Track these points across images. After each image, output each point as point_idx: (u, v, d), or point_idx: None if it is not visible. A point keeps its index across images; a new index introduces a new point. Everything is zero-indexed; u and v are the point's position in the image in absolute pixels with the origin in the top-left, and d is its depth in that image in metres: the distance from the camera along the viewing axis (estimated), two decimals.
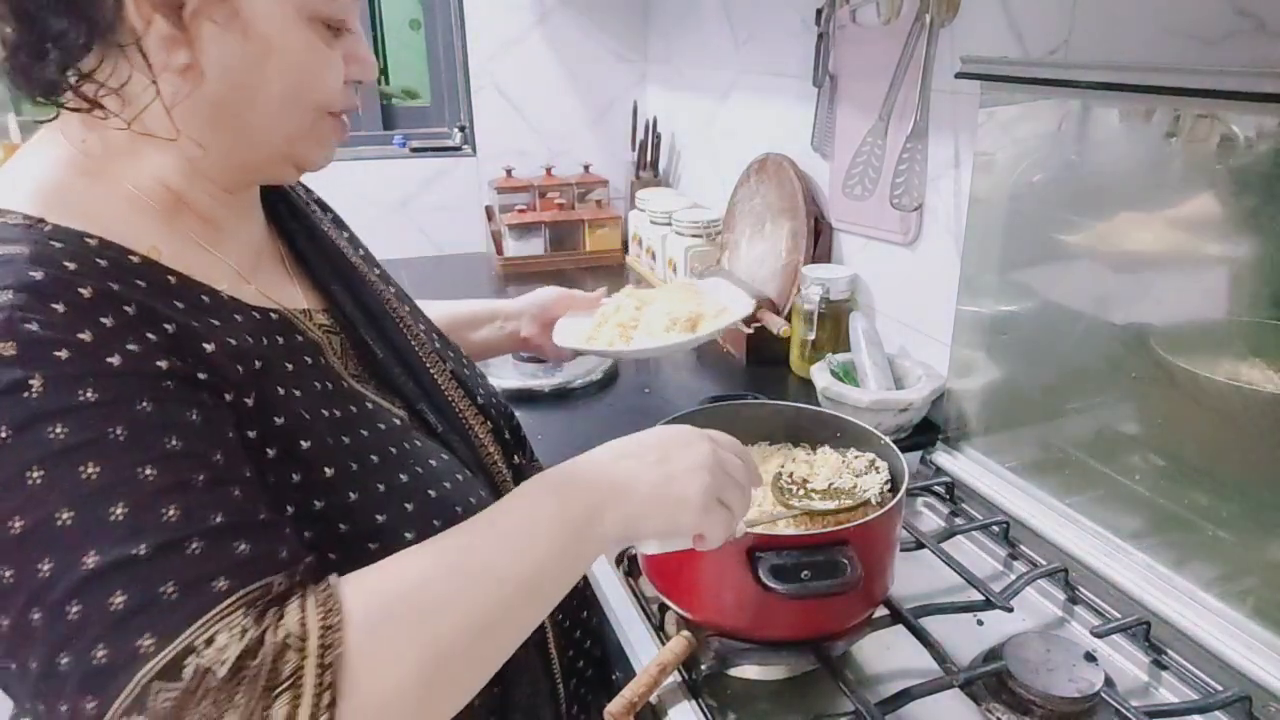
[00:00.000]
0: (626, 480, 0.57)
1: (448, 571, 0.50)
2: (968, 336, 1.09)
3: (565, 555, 0.54)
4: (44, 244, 0.47)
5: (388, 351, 0.68)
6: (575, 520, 0.55)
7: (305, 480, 0.54)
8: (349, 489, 0.56)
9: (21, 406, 0.43)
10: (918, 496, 1.08)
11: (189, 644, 0.41)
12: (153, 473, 0.44)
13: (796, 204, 1.44)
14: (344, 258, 0.71)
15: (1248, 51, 0.75)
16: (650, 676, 0.73)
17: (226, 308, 0.55)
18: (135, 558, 0.42)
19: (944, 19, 1.06)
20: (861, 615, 0.77)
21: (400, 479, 0.60)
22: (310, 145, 0.59)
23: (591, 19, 2.12)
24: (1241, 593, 0.78)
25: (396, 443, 0.62)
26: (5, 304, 0.44)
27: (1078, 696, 0.70)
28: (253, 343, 0.55)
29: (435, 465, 0.64)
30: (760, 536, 0.70)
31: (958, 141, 1.12)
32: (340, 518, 0.55)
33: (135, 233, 0.52)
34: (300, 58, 0.54)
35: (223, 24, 0.51)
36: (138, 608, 0.41)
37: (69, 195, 0.51)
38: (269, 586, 0.45)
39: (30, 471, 0.42)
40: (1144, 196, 0.85)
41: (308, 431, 0.55)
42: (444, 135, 2.24)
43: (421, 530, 0.58)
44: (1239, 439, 0.79)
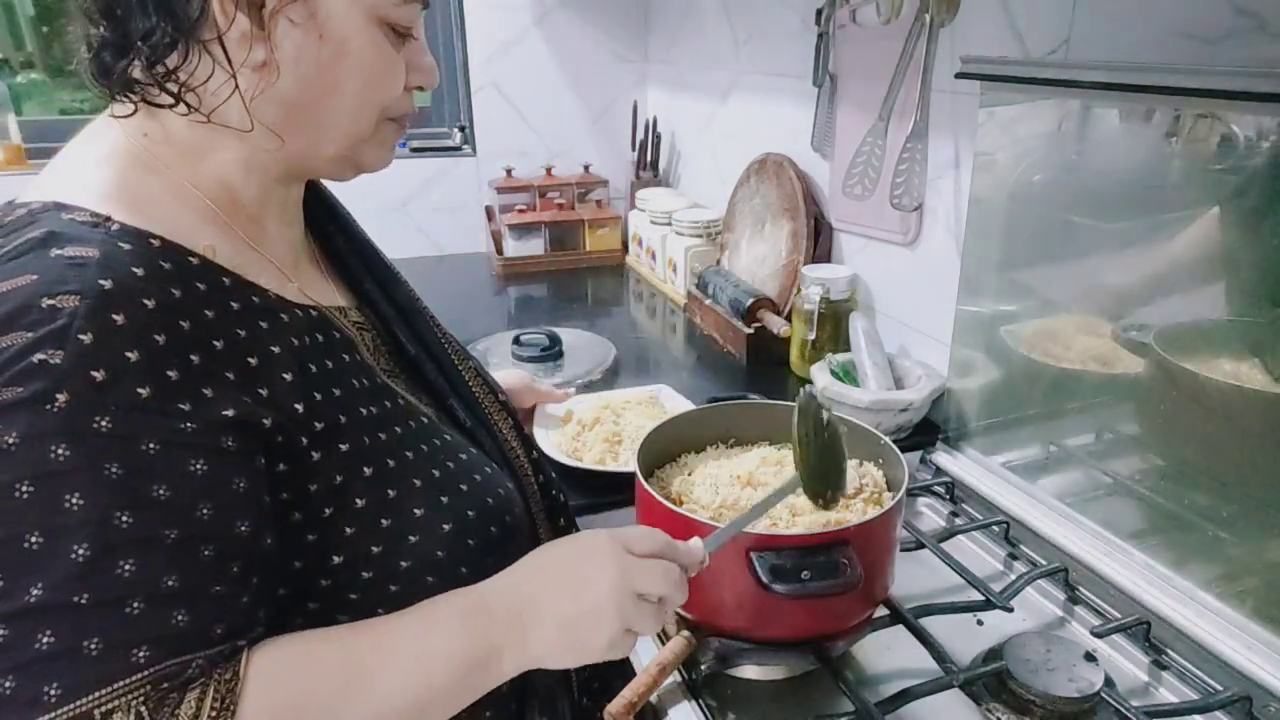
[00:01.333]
0: (531, 617, 0.56)
1: (344, 687, 0.50)
2: (968, 336, 1.09)
3: (458, 689, 0.55)
4: (113, 246, 0.48)
5: (419, 348, 0.70)
6: (475, 658, 0.55)
7: (346, 481, 0.56)
8: (388, 486, 0.58)
9: (38, 418, 0.43)
10: (918, 496, 1.08)
11: (87, 710, 0.42)
12: (128, 521, 0.44)
13: (796, 204, 1.44)
14: (378, 256, 0.74)
15: (1248, 51, 0.75)
16: (650, 676, 0.73)
17: (273, 307, 0.57)
18: (75, 605, 0.43)
19: (944, 19, 1.06)
20: (861, 615, 0.77)
21: (434, 474, 0.62)
22: (373, 146, 0.61)
23: (591, 19, 2.12)
24: (1241, 592, 0.78)
25: (428, 439, 0.64)
26: (69, 311, 0.45)
27: (1078, 696, 0.70)
28: (296, 344, 0.56)
29: (465, 459, 0.66)
30: (760, 536, 0.70)
31: (958, 141, 1.12)
32: (381, 513, 0.58)
33: (192, 231, 0.54)
34: (370, 60, 0.56)
35: (299, 23, 0.53)
36: (58, 654, 0.42)
37: (130, 190, 0.53)
38: (185, 665, 0.45)
39: (21, 485, 0.43)
40: (1144, 196, 0.85)
41: (346, 433, 0.57)
42: (444, 135, 2.23)
43: (457, 522, 0.61)
44: (1239, 439, 0.79)
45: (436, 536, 0.60)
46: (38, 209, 0.50)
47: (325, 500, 0.55)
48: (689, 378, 1.39)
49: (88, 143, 0.56)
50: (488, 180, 2.15)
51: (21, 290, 0.45)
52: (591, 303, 1.89)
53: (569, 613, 0.56)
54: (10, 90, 1.92)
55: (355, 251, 0.72)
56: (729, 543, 0.68)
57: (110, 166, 0.54)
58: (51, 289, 0.45)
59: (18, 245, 0.47)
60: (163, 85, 0.52)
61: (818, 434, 0.70)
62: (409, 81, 0.60)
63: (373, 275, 0.72)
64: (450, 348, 0.74)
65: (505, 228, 2.02)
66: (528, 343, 1.42)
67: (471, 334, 1.58)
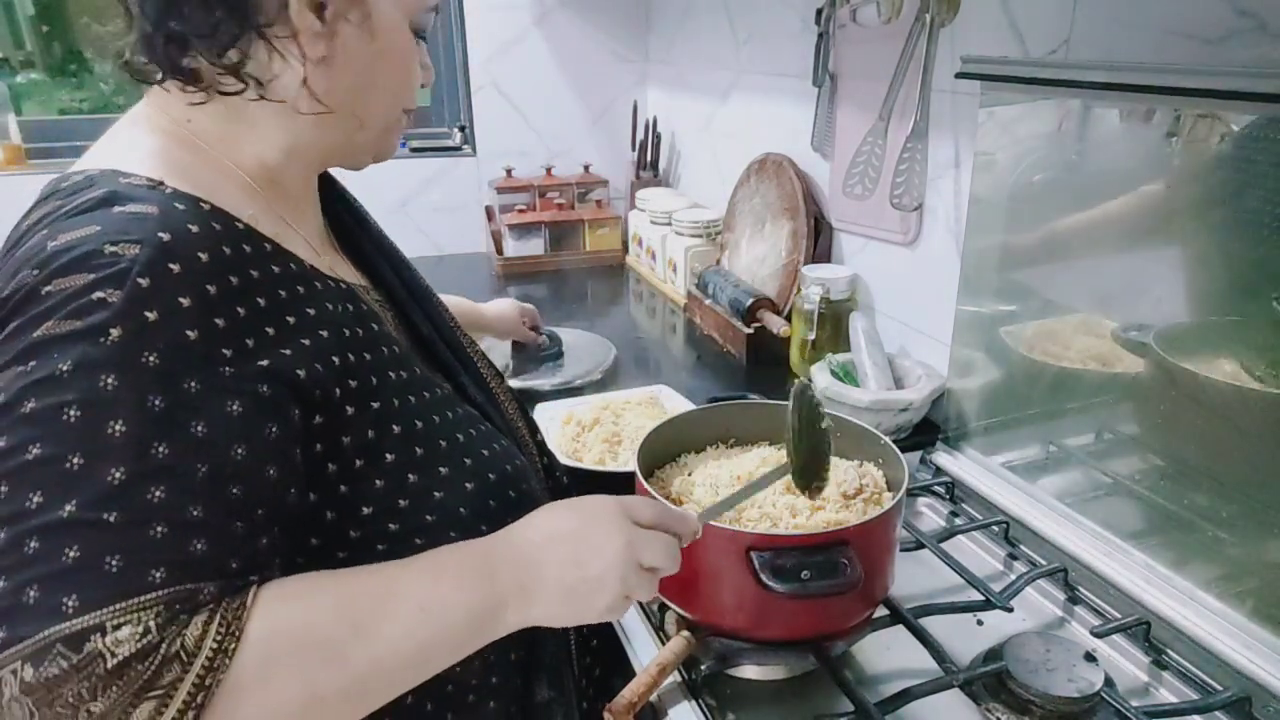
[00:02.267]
0: (535, 581, 0.57)
1: (350, 627, 0.51)
2: (967, 336, 1.09)
3: (460, 640, 0.56)
4: (170, 205, 0.52)
5: (431, 329, 0.74)
6: (479, 612, 0.56)
7: (377, 437, 0.59)
8: (416, 444, 0.62)
9: (92, 349, 0.46)
10: (918, 496, 1.08)
11: (100, 622, 0.43)
12: (164, 451, 0.47)
13: (796, 204, 1.44)
14: (387, 240, 0.78)
15: (1248, 51, 0.75)
16: (650, 676, 0.73)
17: (309, 275, 0.60)
18: (103, 522, 0.45)
19: (944, 19, 1.06)
20: (861, 615, 0.77)
21: (458, 438, 0.66)
22: (392, 137, 0.68)
23: (591, 19, 2.12)
24: (1241, 593, 0.78)
25: (451, 407, 0.68)
26: (131, 258, 0.48)
27: (1077, 696, 0.70)
28: (330, 309, 0.59)
29: (483, 430, 0.70)
30: (760, 536, 0.70)
31: (958, 141, 1.12)
32: (410, 469, 0.61)
33: (236, 201, 0.57)
34: (405, 58, 0.63)
35: (356, 24, 0.59)
36: (81, 567, 0.44)
37: (179, 162, 0.56)
38: (197, 591, 0.47)
39: (68, 409, 0.45)
40: (1144, 196, 0.85)
41: (378, 393, 0.60)
42: (444, 135, 2.23)
43: (479, 481, 0.65)
44: (1239, 439, 0.79)
45: (460, 494, 0.63)
46: (95, 174, 0.54)
47: (358, 453, 0.58)
48: (689, 378, 1.39)
49: (133, 125, 0.60)
50: (488, 180, 2.15)
51: (87, 238, 0.49)
52: (591, 303, 1.89)
53: (573, 578, 0.58)
54: (10, 90, 1.92)
55: (369, 237, 0.76)
56: (728, 541, 0.68)
57: (158, 142, 0.58)
58: (115, 238, 0.49)
59: (79, 204, 0.51)
60: (236, 74, 0.56)
61: (811, 423, 0.75)
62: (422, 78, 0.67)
63: (386, 258, 0.75)
64: (458, 329, 0.78)
65: (505, 228, 2.02)
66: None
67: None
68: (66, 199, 0.52)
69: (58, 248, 0.48)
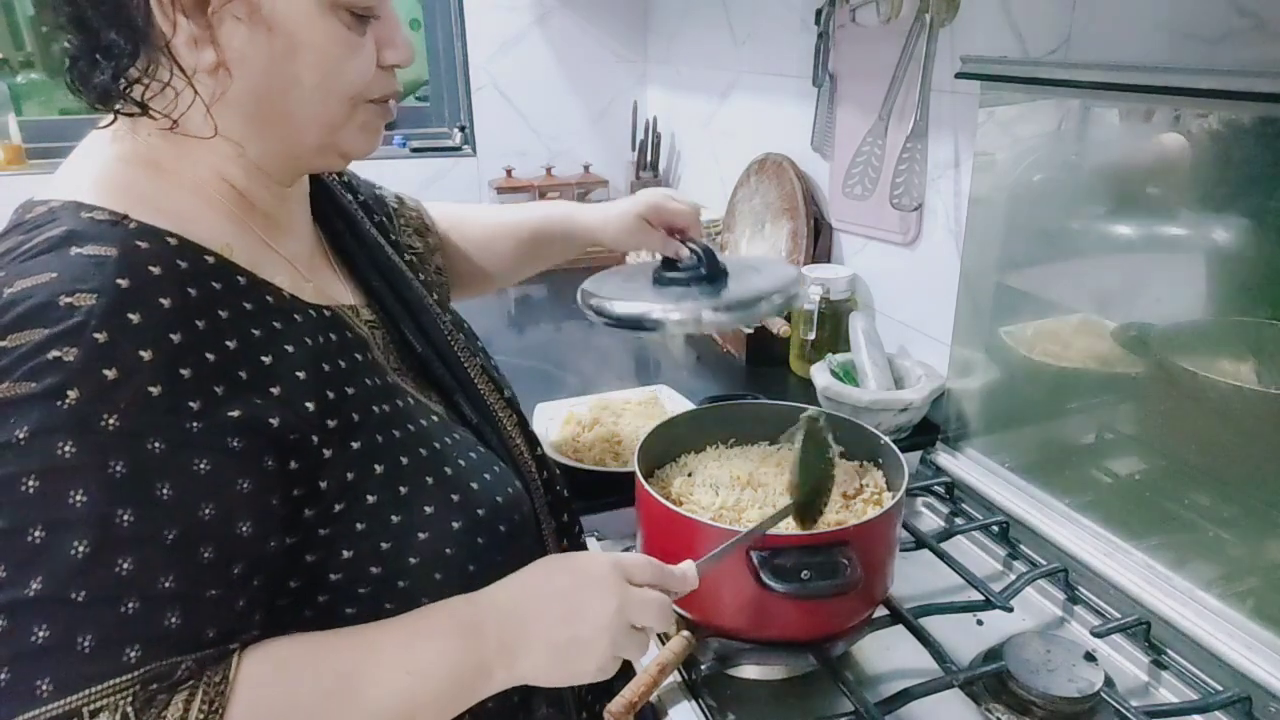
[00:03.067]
0: (521, 641, 0.57)
1: (335, 696, 0.50)
2: (967, 336, 1.09)
3: (447, 701, 0.55)
4: (131, 244, 0.49)
5: (426, 346, 0.71)
6: (463, 675, 0.55)
7: (357, 478, 0.56)
8: (399, 483, 0.59)
9: (48, 414, 0.44)
10: (917, 496, 1.08)
11: (77, 707, 0.42)
12: (129, 519, 0.45)
13: (796, 204, 1.44)
14: (384, 254, 0.74)
15: (1248, 51, 0.75)
16: (650, 676, 0.72)
17: (287, 308, 0.57)
18: (72, 600, 0.43)
19: (944, 18, 1.06)
20: (861, 615, 0.77)
21: (445, 471, 0.62)
22: (352, 134, 0.60)
23: (591, 19, 2.11)
24: (1241, 593, 0.78)
25: (439, 437, 0.65)
26: (86, 309, 0.45)
27: (1078, 696, 0.70)
28: (310, 343, 0.57)
29: (475, 457, 0.66)
30: (761, 538, 0.70)
31: (958, 141, 1.12)
32: (392, 509, 0.58)
33: (209, 229, 0.54)
34: (326, 48, 0.55)
35: (245, 20, 0.52)
36: (52, 648, 0.43)
37: (148, 188, 0.54)
38: (174, 667, 0.46)
39: (27, 479, 0.43)
40: (1144, 196, 0.85)
41: (358, 431, 0.57)
42: (444, 135, 2.23)
43: (466, 519, 0.62)
44: (1239, 439, 0.79)
45: (446, 534, 0.60)
46: (57, 206, 0.51)
47: (336, 496, 0.55)
48: (689, 378, 1.39)
49: (102, 142, 0.56)
50: (488, 180, 2.15)
51: (41, 288, 0.46)
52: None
53: (562, 639, 0.57)
54: (10, 90, 1.92)
55: (363, 250, 0.73)
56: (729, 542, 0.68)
57: (126, 165, 0.55)
58: (70, 286, 0.46)
59: (38, 243, 0.48)
60: (125, 95, 0.52)
61: (818, 457, 0.75)
62: (382, 60, 0.59)
63: (381, 273, 0.72)
64: (457, 344, 0.74)
65: None
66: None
67: None
68: (28, 234, 0.49)
69: (13, 296, 0.46)
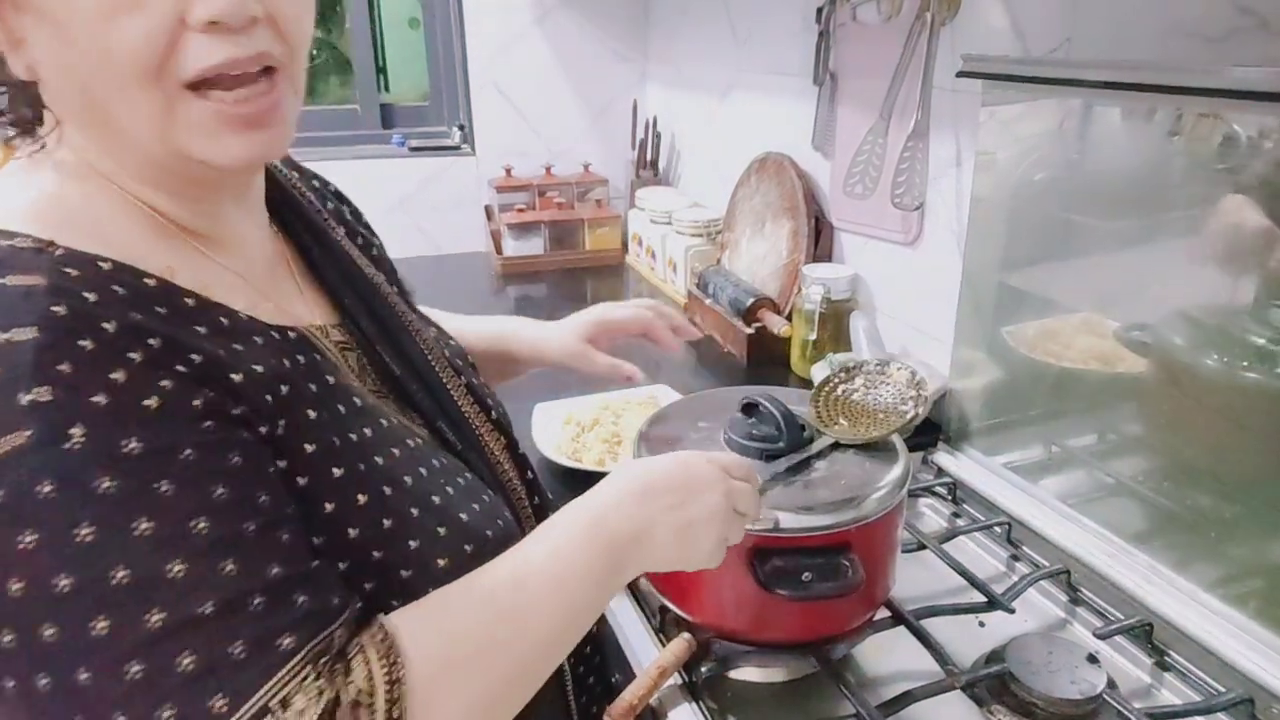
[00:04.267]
0: (647, 530, 0.58)
1: (494, 621, 0.51)
2: (969, 336, 1.09)
3: (592, 606, 0.57)
4: (59, 272, 0.44)
5: (405, 367, 0.65)
6: (603, 574, 0.56)
7: (339, 509, 0.52)
8: (383, 515, 0.54)
9: (64, 458, 0.41)
10: (919, 497, 1.08)
11: (264, 704, 0.42)
12: (205, 525, 0.43)
13: (797, 203, 1.44)
14: (357, 269, 0.67)
15: (1250, 50, 0.75)
16: (651, 679, 0.72)
17: (245, 329, 0.52)
18: (202, 616, 0.42)
19: (945, 17, 1.06)
20: (863, 617, 0.76)
21: (433, 501, 0.58)
22: (187, 131, 0.48)
23: (591, 18, 2.11)
24: (1244, 594, 0.78)
25: (425, 463, 0.60)
26: (32, 344, 0.41)
27: (1080, 698, 0.70)
28: (275, 366, 0.52)
29: (462, 485, 0.62)
30: (761, 538, 0.69)
31: (959, 140, 1.11)
32: (375, 545, 0.53)
33: (146, 250, 0.50)
34: (88, 16, 0.44)
35: (14, 10, 0.45)
36: (208, 668, 0.41)
37: (75, 211, 0.49)
38: (330, 639, 0.45)
39: (79, 529, 0.40)
40: (1146, 195, 0.84)
41: (338, 457, 0.53)
42: (444, 135, 2.23)
43: (453, 556, 0.57)
44: (1241, 439, 0.78)
45: (430, 572, 0.55)
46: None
47: (316, 529, 0.51)
48: (689, 378, 1.39)
49: (33, 160, 0.51)
50: (487, 180, 2.15)
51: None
52: (591, 302, 1.88)
53: (681, 524, 0.59)
54: None
55: (334, 264, 0.66)
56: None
57: (54, 186, 0.50)
58: (4, 322, 0.42)
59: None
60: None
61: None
62: (195, 16, 0.44)
63: (355, 289, 0.65)
64: (438, 364, 0.68)
65: (505, 227, 2.02)
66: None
67: None
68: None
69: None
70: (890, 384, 0.83)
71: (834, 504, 0.70)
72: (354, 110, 2.19)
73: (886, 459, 0.77)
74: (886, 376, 0.84)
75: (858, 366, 0.86)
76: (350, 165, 2.07)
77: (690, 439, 0.80)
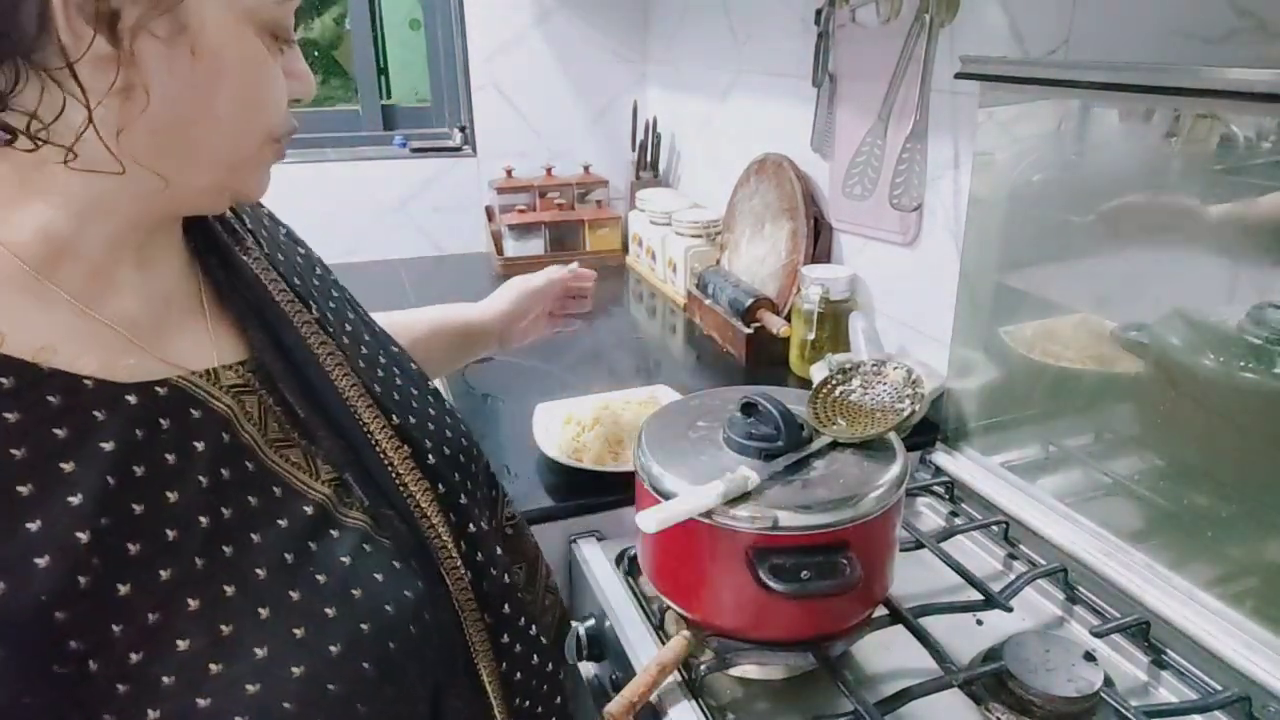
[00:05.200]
0: None
1: None
2: (967, 336, 1.09)
3: None
4: None
5: (310, 408, 0.57)
6: None
7: (164, 618, 0.45)
8: (222, 620, 0.47)
9: None
10: (917, 496, 1.08)
11: None
12: None
13: (796, 204, 1.44)
14: (265, 295, 0.59)
15: (1248, 51, 0.75)
16: (650, 676, 0.73)
17: (86, 400, 0.45)
18: None
19: (944, 19, 1.06)
20: (861, 615, 0.77)
21: (290, 597, 0.49)
22: (252, 172, 0.52)
23: (591, 19, 2.12)
24: (1241, 593, 0.78)
25: (297, 543, 0.52)
26: None
27: (1077, 696, 0.70)
28: (113, 447, 0.45)
29: (346, 564, 0.53)
30: (760, 536, 0.70)
31: (957, 141, 1.12)
32: (211, 655, 0.46)
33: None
34: (252, 74, 0.48)
35: (166, 39, 0.44)
36: None
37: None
38: None
39: None
40: (1144, 196, 0.85)
41: (172, 554, 0.46)
42: (444, 135, 2.24)
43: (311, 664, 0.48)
44: (1238, 439, 0.79)
45: (283, 685, 0.47)
46: None
47: (134, 644, 0.44)
48: (689, 378, 1.39)
49: None
50: (488, 180, 2.15)
51: None
52: (593, 303, 1.89)
53: None
54: None
55: (241, 291, 0.58)
56: (728, 541, 0.69)
57: None
58: None
59: None
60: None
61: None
62: (289, 93, 0.51)
63: (261, 321, 0.58)
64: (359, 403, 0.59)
65: (505, 228, 2.02)
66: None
67: None
68: None
69: None
70: (887, 383, 0.83)
71: (832, 503, 0.71)
72: (355, 111, 2.19)
73: (884, 458, 0.77)
74: (883, 376, 0.84)
75: (855, 368, 0.86)
76: (351, 166, 2.07)
77: (689, 438, 0.80)
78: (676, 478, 0.73)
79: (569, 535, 1.01)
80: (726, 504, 0.69)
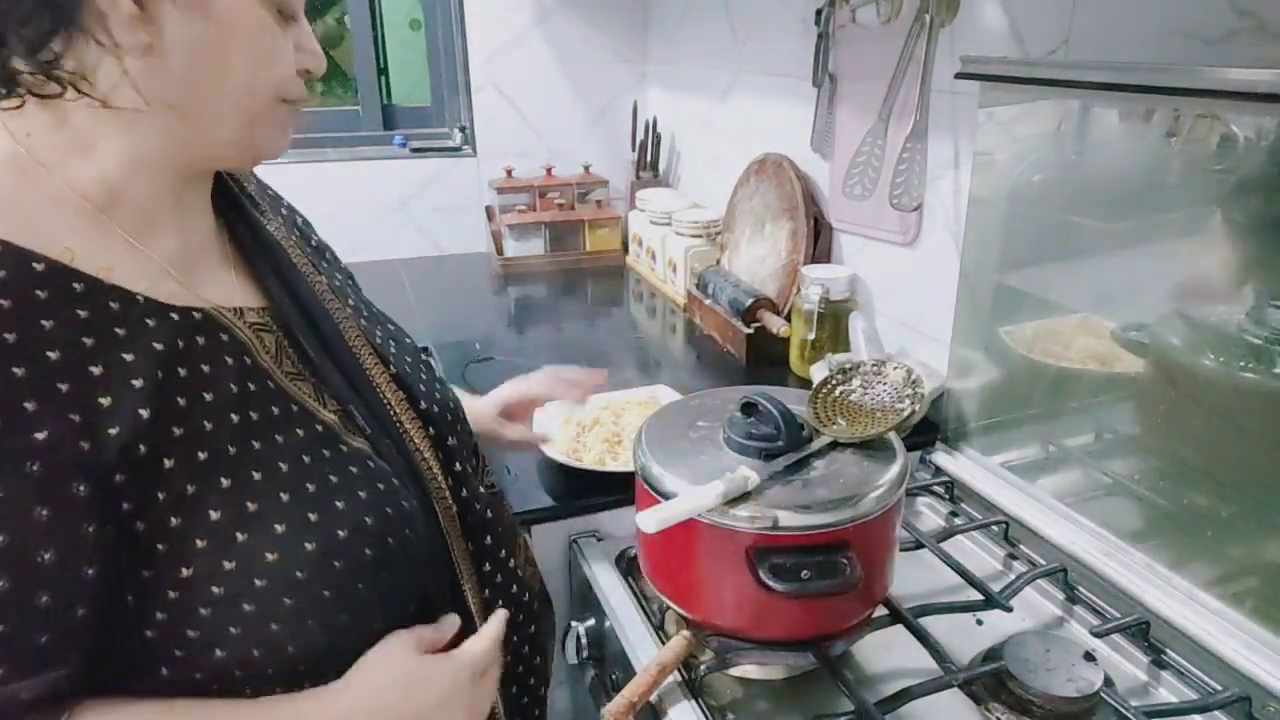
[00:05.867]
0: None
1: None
2: (967, 336, 1.09)
3: None
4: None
5: (321, 350, 0.66)
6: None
7: (199, 491, 0.53)
8: (248, 499, 0.55)
9: None
10: (917, 496, 1.08)
11: None
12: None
13: (796, 204, 1.44)
14: (282, 253, 0.68)
15: (1248, 51, 0.75)
16: (650, 676, 0.73)
17: (138, 311, 0.54)
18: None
19: (944, 19, 1.06)
20: (861, 615, 0.77)
21: (307, 488, 0.58)
22: (270, 131, 0.59)
23: (591, 19, 2.12)
24: (1241, 592, 0.78)
25: (316, 449, 0.60)
26: None
27: (1077, 696, 0.70)
28: (159, 349, 0.54)
29: (356, 472, 0.62)
30: (760, 536, 0.70)
31: (957, 141, 1.12)
32: (238, 526, 0.54)
33: (51, 233, 0.51)
34: (259, 40, 0.55)
35: (183, 5, 0.51)
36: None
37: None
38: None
39: None
40: (1144, 196, 0.85)
41: (208, 440, 0.54)
42: (444, 135, 2.24)
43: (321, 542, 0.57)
44: (1238, 439, 0.79)
45: (297, 556, 0.56)
46: None
47: (174, 509, 0.52)
48: (689, 378, 1.40)
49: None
50: (488, 180, 2.15)
51: None
52: (591, 303, 1.90)
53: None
54: None
55: (261, 249, 0.68)
56: (728, 541, 0.69)
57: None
58: None
59: None
60: (49, 74, 0.50)
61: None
62: (300, 63, 0.59)
63: (278, 276, 0.67)
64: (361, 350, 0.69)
65: (505, 228, 2.02)
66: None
67: (471, 334, 1.58)
68: None
69: None
70: (887, 383, 0.83)
71: (832, 502, 0.71)
72: (355, 111, 2.19)
73: (884, 458, 0.77)
74: (883, 376, 0.84)
75: (855, 368, 0.86)
76: (351, 166, 2.07)
77: (690, 438, 0.80)
78: (676, 478, 0.73)
79: (569, 535, 1.02)
80: (726, 504, 0.69)
